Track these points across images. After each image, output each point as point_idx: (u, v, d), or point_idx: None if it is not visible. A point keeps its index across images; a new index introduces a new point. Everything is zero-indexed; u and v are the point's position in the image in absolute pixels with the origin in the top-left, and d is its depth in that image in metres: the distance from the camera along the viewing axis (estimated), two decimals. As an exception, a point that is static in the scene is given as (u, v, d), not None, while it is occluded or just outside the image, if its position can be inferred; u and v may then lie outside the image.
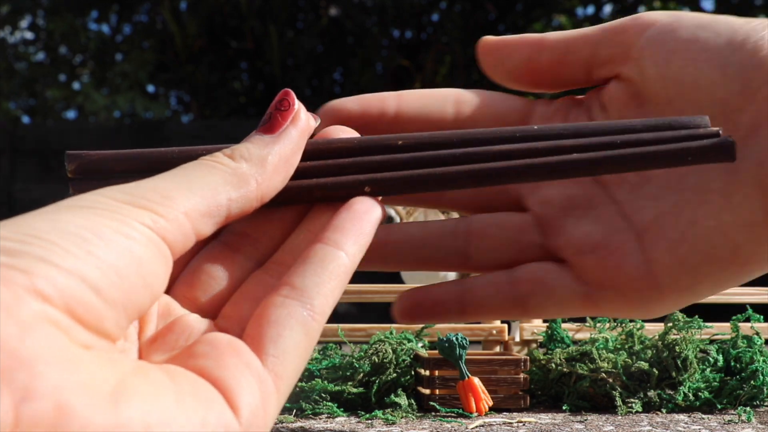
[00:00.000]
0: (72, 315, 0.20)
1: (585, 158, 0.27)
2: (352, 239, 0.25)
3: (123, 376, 0.20)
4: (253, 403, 0.22)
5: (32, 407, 0.18)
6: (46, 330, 0.19)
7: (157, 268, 0.22)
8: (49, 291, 0.19)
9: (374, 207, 0.27)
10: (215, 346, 0.23)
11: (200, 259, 0.27)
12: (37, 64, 6.03)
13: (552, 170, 0.27)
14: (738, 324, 1.84)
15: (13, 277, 0.19)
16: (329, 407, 1.69)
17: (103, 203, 0.22)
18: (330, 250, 0.25)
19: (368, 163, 0.28)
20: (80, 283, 0.20)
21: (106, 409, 0.19)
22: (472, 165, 0.27)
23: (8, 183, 4.93)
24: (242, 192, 0.25)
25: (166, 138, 5.21)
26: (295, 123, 0.27)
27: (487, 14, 5.99)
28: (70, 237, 0.20)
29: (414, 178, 0.27)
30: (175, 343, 0.24)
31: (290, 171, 0.27)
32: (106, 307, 0.20)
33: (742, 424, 1.32)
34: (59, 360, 0.19)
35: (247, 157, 0.26)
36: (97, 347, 0.21)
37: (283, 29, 5.67)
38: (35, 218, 0.21)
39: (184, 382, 0.22)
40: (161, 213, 0.23)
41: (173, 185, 0.24)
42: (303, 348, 0.24)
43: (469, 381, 1.63)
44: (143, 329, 0.25)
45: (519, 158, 0.27)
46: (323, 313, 0.24)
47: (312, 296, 0.24)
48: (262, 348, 0.23)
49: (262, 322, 0.24)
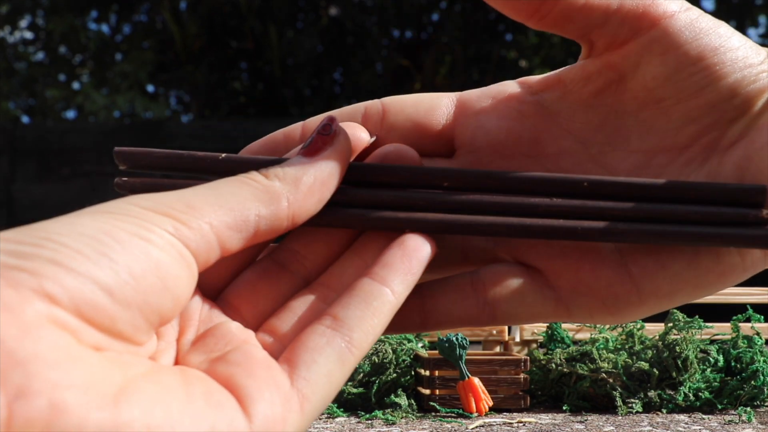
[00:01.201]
0: (81, 316, 0.20)
1: (634, 230, 0.27)
2: (400, 277, 0.26)
3: (132, 378, 0.20)
4: (269, 414, 0.22)
5: (26, 405, 0.18)
6: (49, 331, 0.19)
7: (179, 271, 0.22)
8: (57, 293, 0.19)
9: (424, 246, 0.27)
10: (249, 357, 0.24)
11: (249, 272, 0.28)
12: (36, 63, 6.03)
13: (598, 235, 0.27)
14: (738, 324, 1.84)
15: (21, 279, 0.19)
16: (329, 407, 1.69)
17: (125, 209, 0.22)
18: (376, 287, 0.25)
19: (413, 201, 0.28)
20: (90, 285, 0.20)
21: (104, 409, 0.19)
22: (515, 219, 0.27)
23: (7, 183, 4.94)
24: (272, 209, 0.25)
25: (165, 138, 5.22)
26: (336, 147, 0.27)
27: (488, 14, 5.99)
28: (83, 239, 0.21)
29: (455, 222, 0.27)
30: (214, 346, 0.25)
31: (326, 194, 0.27)
32: (119, 309, 0.21)
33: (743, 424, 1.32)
34: (59, 360, 0.19)
35: (281, 176, 0.26)
36: (110, 348, 0.21)
37: (283, 29, 5.67)
38: (53, 222, 0.21)
39: (197, 386, 0.22)
40: (184, 221, 0.23)
41: (200, 197, 0.24)
42: (336, 377, 0.24)
43: (469, 381, 1.63)
44: (184, 332, 0.25)
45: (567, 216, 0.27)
46: (361, 347, 0.25)
47: (352, 329, 0.25)
48: (295, 370, 0.24)
49: (300, 347, 0.24)
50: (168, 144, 5.14)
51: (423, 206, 0.28)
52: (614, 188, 0.27)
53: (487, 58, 5.91)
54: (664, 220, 0.27)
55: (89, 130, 5.14)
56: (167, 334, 0.25)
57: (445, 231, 0.27)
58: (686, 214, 0.27)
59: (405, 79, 5.93)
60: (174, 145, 5.20)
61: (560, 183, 0.28)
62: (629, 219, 0.27)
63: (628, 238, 0.27)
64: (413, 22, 5.89)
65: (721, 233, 0.26)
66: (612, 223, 0.27)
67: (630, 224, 0.27)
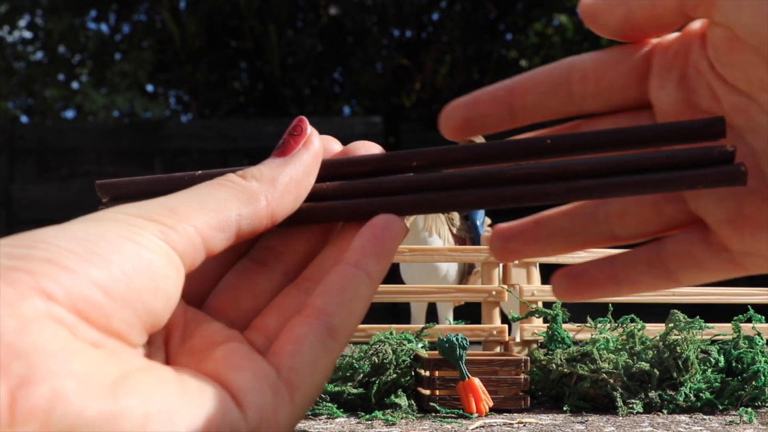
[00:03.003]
0: (78, 313, 0.20)
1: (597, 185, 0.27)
2: (373, 258, 0.26)
3: (128, 371, 0.21)
4: (261, 404, 0.23)
5: (29, 393, 0.18)
6: (48, 326, 0.19)
7: (168, 272, 0.23)
8: (54, 290, 0.20)
9: (393, 222, 0.27)
10: (234, 352, 0.24)
11: (229, 275, 0.28)
12: (35, 63, 6.03)
13: (564, 194, 0.28)
14: (739, 324, 1.83)
15: (18, 278, 0.20)
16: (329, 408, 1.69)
17: (113, 216, 0.23)
18: (351, 270, 0.26)
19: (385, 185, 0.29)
20: (86, 282, 0.21)
21: (102, 398, 0.19)
22: (482, 190, 0.28)
23: (7, 183, 4.93)
24: (252, 208, 0.26)
25: (165, 138, 5.21)
26: (307, 147, 0.28)
27: (488, 13, 6.00)
28: (77, 241, 0.21)
29: (426, 201, 0.28)
30: (200, 346, 0.25)
31: (302, 192, 0.28)
32: (114, 306, 0.21)
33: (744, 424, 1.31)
34: (58, 351, 0.19)
35: (258, 176, 0.27)
36: (105, 346, 0.21)
37: (282, 29, 5.67)
38: (44, 229, 0.22)
39: (190, 381, 0.22)
40: (170, 225, 0.24)
41: (182, 201, 0.25)
42: (321, 364, 0.25)
43: (469, 381, 1.63)
44: (171, 336, 0.26)
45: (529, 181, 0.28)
46: (344, 332, 0.25)
47: (332, 315, 0.25)
48: (280, 360, 0.24)
49: (284, 339, 0.25)
50: (167, 144, 5.14)
51: (395, 189, 0.28)
52: (575, 140, 0.28)
53: (488, 58, 5.90)
54: (627, 170, 0.27)
55: (88, 129, 5.14)
56: (156, 340, 0.25)
57: (419, 210, 0.28)
58: (651, 160, 0.27)
59: (405, 79, 5.93)
60: (173, 144, 5.20)
61: (523, 145, 0.28)
62: (595, 174, 0.27)
63: (595, 194, 0.27)
64: (413, 22, 5.89)
65: (688, 176, 0.27)
66: (577, 180, 0.27)
67: (596, 180, 0.27)
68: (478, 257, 2.02)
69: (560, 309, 1.95)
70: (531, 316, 2.10)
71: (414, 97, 6.12)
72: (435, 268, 2.70)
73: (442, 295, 2.35)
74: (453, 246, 2.13)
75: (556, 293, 0.33)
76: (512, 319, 2.22)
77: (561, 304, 1.99)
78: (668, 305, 1.94)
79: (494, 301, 2.26)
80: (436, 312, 2.68)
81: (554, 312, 1.95)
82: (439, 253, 1.98)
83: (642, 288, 0.32)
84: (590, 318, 1.98)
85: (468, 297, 2.47)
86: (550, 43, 6.62)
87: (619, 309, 1.88)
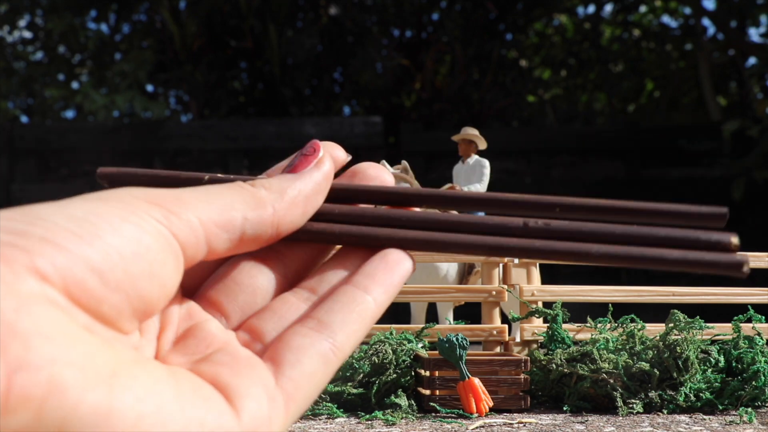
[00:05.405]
0: (69, 296, 0.20)
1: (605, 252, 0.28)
2: (382, 288, 0.27)
3: (123, 363, 0.20)
4: (256, 411, 0.23)
5: (26, 378, 0.18)
6: (44, 308, 0.19)
7: (166, 259, 0.23)
8: (48, 270, 0.19)
9: (406, 260, 0.28)
10: (234, 357, 0.24)
11: (226, 266, 0.28)
12: (35, 63, 6.03)
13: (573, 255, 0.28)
14: (739, 324, 1.83)
15: (14, 256, 0.19)
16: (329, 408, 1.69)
17: (117, 197, 0.23)
18: (360, 294, 0.26)
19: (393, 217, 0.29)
20: (80, 264, 0.20)
21: (100, 391, 0.19)
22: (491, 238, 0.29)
23: (6, 183, 4.93)
24: (258, 213, 0.26)
25: (165, 137, 5.21)
26: (319, 167, 0.28)
27: (488, 13, 5.99)
28: (75, 220, 0.21)
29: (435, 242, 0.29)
30: (196, 348, 0.25)
31: (310, 209, 0.28)
32: (107, 291, 0.21)
33: (744, 425, 1.31)
34: (56, 336, 0.19)
35: (267, 186, 0.27)
36: (97, 332, 0.21)
37: (282, 28, 5.67)
38: (45, 205, 0.22)
39: (184, 381, 0.22)
40: (174, 211, 0.23)
41: (189, 193, 0.25)
42: (319, 377, 0.25)
43: (469, 382, 1.63)
44: (164, 330, 0.25)
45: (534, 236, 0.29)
46: (343, 349, 0.26)
47: (336, 332, 0.25)
48: (280, 369, 0.24)
49: (284, 347, 0.25)
50: (168, 143, 5.14)
51: (402, 224, 0.29)
52: (585, 211, 0.29)
53: (488, 58, 5.90)
54: (631, 242, 0.28)
55: (88, 129, 5.14)
56: (148, 330, 0.25)
57: (424, 249, 0.29)
58: (655, 236, 0.28)
59: (405, 79, 5.93)
60: (173, 144, 5.20)
61: (533, 205, 0.29)
62: (600, 241, 0.28)
63: (600, 260, 0.28)
64: (413, 22, 5.89)
65: (687, 257, 0.28)
66: (583, 244, 0.28)
67: (602, 246, 0.28)
68: (478, 257, 2.02)
69: (560, 309, 1.95)
70: (531, 316, 2.10)
71: (414, 96, 6.12)
72: (435, 268, 2.70)
73: (442, 295, 2.35)
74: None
75: None
76: (512, 319, 2.22)
77: (561, 304, 1.99)
78: (668, 305, 1.94)
79: (494, 301, 2.26)
80: (436, 312, 2.68)
81: (554, 312, 1.94)
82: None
83: None
84: (590, 318, 1.98)
85: (468, 297, 2.47)
86: (550, 43, 6.62)
87: (619, 309, 1.88)
